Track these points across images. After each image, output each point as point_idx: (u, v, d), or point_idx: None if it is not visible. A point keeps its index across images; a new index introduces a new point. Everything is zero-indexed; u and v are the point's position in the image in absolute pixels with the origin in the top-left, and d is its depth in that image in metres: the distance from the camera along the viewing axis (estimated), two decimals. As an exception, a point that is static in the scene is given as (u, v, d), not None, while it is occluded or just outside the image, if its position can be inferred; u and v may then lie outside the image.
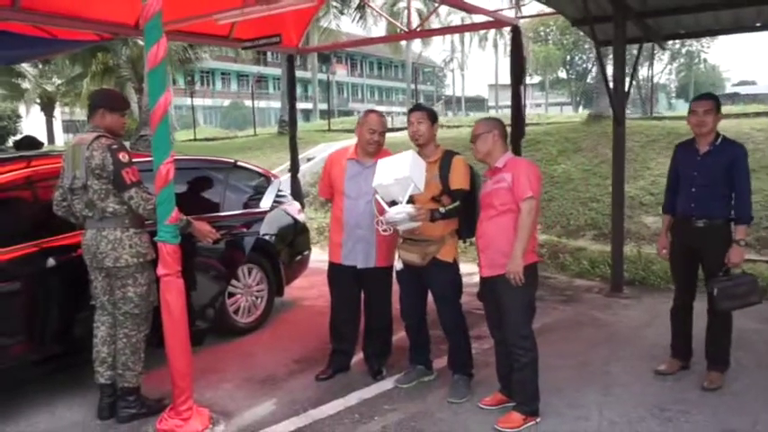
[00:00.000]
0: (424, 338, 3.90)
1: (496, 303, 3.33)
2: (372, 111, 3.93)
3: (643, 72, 37.73)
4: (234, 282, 4.77)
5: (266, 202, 5.08)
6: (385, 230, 3.37)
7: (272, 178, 5.27)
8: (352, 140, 15.04)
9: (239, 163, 5.10)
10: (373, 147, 3.75)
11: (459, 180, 3.51)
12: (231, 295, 4.77)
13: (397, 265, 3.67)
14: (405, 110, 41.14)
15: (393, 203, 3.33)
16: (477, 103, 60.89)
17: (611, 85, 5.82)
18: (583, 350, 4.43)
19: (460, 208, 3.47)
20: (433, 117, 3.64)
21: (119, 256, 3.31)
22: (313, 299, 5.81)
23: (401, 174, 3.25)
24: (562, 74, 53.12)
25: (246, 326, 4.89)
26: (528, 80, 53.18)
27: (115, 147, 3.30)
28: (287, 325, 5.18)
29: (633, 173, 9.86)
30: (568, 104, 54.14)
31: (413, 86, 39.11)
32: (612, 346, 4.52)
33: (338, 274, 3.89)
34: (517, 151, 7.06)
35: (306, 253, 5.76)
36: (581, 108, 46.21)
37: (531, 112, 25.02)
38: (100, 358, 3.46)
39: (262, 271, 5.02)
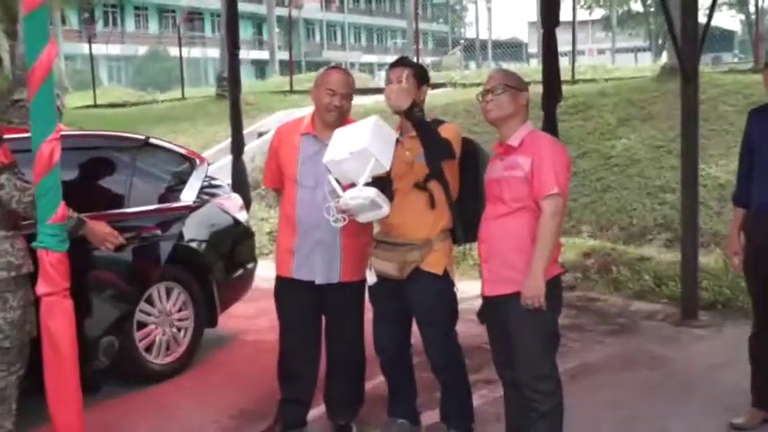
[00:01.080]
0: (407, 381, 4.16)
1: (504, 332, 3.59)
2: (334, 67, 4.20)
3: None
4: (145, 306, 5.03)
5: (189, 194, 5.35)
6: (336, 221, 3.62)
7: (198, 161, 5.54)
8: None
9: (152, 140, 5.37)
10: (333, 115, 3.98)
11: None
12: (142, 325, 5.03)
13: (370, 277, 3.92)
14: (405, 60, 41.36)
15: (354, 186, 3.57)
16: (512, 49, 61.03)
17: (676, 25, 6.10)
18: (634, 398, 4.71)
19: (445, 151, 3.71)
20: (420, 76, 3.91)
21: None
22: (261, 331, 6.06)
23: (358, 145, 3.48)
24: (637, 5, 53.51)
25: (163, 368, 5.14)
26: (587, 15, 53.57)
27: None
28: (221, 368, 5.44)
29: (725, 150, 10.15)
30: (646, 50, 54.52)
31: (423, 26, 39.19)
32: (675, 392, 4.79)
33: (289, 292, 4.14)
34: (551, 122, 7.34)
35: (250, 266, 6.03)
36: (665, 55, 46.55)
37: (586, 63, 25.28)
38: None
39: (185, 291, 5.29)
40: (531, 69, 17.46)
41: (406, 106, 3.57)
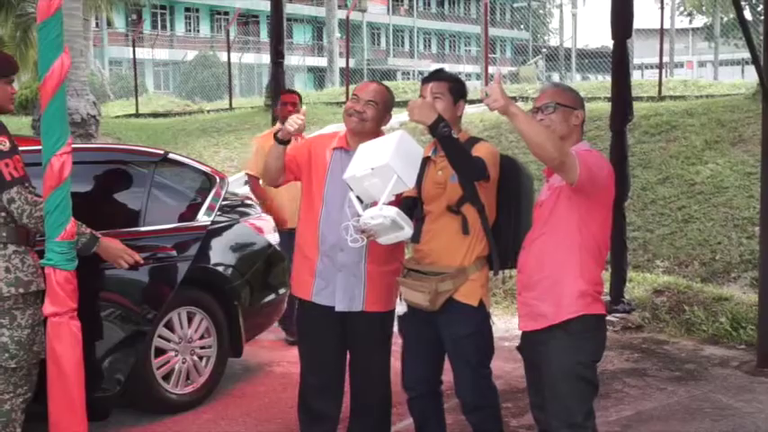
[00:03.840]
0: (435, 422, 4.26)
1: (540, 371, 3.69)
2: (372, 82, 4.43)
3: None
4: (164, 332, 5.25)
5: (207, 214, 5.55)
6: (354, 240, 3.79)
7: (218, 179, 5.75)
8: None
9: (171, 155, 5.60)
10: (353, 120, 4.13)
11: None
12: (160, 352, 5.24)
13: (399, 307, 4.05)
14: (478, 69, 41.46)
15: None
16: (600, 59, 60.56)
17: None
18: (691, 452, 4.76)
19: (478, 171, 3.80)
20: (457, 91, 4.06)
21: None
22: (290, 363, 6.21)
23: (379, 161, 3.60)
24: (745, 12, 52.55)
25: (182, 398, 5.34)
26: (687, 23, 52.59)
27: None
28: (244, 400, 5.61)
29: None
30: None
31: (502, 32, 39.13)
32: (740, 448, 4.83)
33: (309, 317, 4.31)
34: (621, 143, 7.43)
35: (281, 292, 6.20)
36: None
37: (679, 77, 25.00)
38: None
39: (209, 318, 5.50)
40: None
41: (429, 122, 3.66)
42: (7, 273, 3.77)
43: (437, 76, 4.10)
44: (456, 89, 4.05)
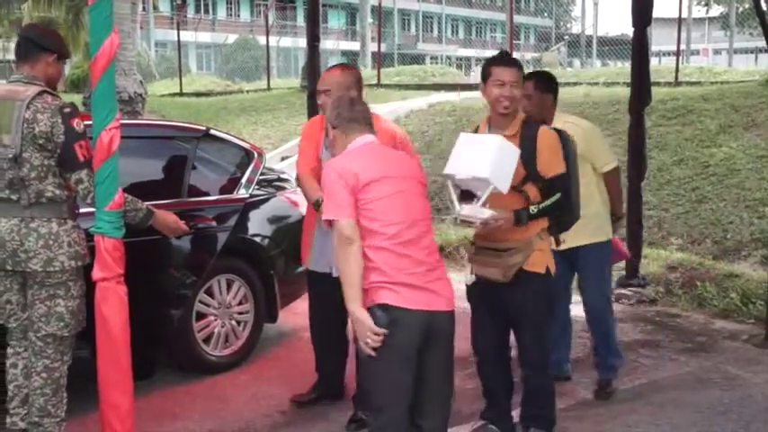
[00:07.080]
0: (505, 383, 4.27)
1: None
2: (332, 67, 4.66)
3: None
4: (205, 297, 5.30)
5: (246, 187, 5.60)
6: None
7: (256, 154, 5.77)
8: (406, 102, 15.23)
9: (212, 131, 5.62)
10: None
11: (552, 162, 3.90)
12: (201, 316, 5.29)
13: (469, 277, 4.07)
14: (503, 55, 41.16)
15: (468, 193, 3.86)
16: (619, 47, 59.97)
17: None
18: (701, 419, 4.70)
19: (561, 201, 3.88)
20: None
21: (53, 256, 3.74)
22: (321, 329, 6.26)
23: (480, 172, 3.70)
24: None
25: (221, 360, 5.41)
26: (704, 12, 52.02)
27: (68, 110, 3.75)
28: (278, 363, 5.67)
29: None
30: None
31: (526, 20, 38.83)
32: (747, 416, 4.75)
33: (314, 283, 4.68)
34: (639, 126, 7.35)
35: (314, 263, 6.24)
36: (787, 58, 44.86)
37: (695, 64, 24.69)
38: (21, 396, 3.91)
39: (247, 285, 5.54)
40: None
41: (511, 225, 3.85)
42: (69, 247, 3.79)
43: (508, 60, 4.01)
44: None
